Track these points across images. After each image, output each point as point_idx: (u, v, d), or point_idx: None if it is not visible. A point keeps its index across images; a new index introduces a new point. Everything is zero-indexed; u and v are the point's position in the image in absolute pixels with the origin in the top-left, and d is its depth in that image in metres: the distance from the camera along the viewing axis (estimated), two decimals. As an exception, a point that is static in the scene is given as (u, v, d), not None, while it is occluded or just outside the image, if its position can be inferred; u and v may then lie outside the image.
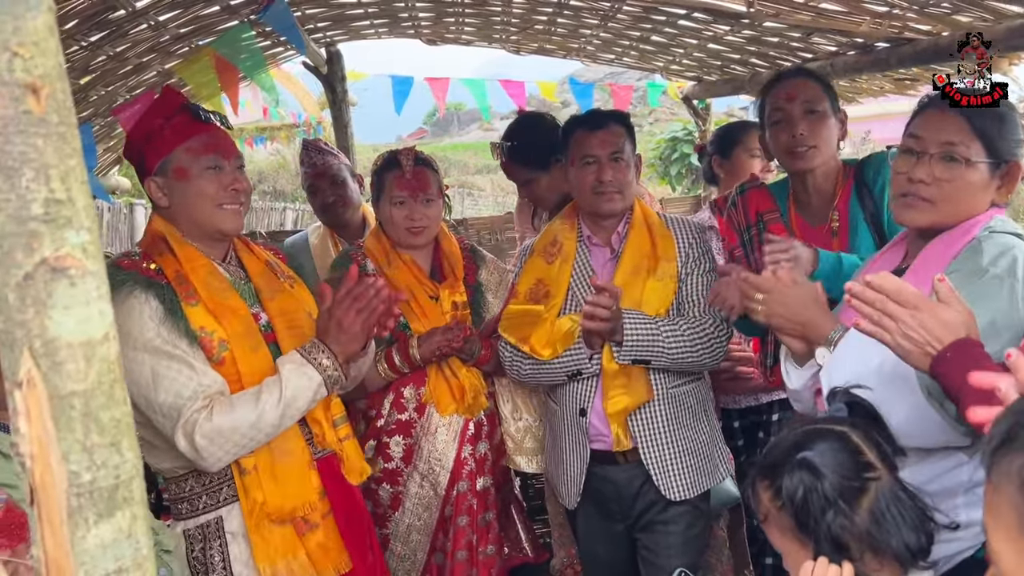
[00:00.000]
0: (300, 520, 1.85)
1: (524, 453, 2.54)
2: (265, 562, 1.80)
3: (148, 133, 1.85)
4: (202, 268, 1.83)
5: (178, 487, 1.86)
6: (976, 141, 1.58)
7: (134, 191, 11.70)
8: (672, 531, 2.29)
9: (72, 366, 0.59)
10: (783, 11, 2.38)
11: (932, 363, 1.30)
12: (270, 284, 1.95)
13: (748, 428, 3.06)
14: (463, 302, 2.49)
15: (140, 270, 1.79)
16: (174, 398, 1.70)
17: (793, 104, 2.22)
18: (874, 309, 1.34)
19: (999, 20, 2.06)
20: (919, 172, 1.61)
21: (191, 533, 1.84)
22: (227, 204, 1.85)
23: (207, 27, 2.83)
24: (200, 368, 1.73)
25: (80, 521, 0.59)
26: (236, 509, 1.83)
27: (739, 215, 2.42)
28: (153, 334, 1.71)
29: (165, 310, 1.74)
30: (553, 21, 3.27)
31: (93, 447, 0.60)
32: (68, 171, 0.59)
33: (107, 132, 3.33)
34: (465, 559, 2.44)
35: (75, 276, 0.59)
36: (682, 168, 14.08)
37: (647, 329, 2.18)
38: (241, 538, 1.82)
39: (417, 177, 2.42)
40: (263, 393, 1.75)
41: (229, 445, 1.72)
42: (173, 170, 1.82)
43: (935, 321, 1.29)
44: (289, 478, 1.83)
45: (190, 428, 1.69)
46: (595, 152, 2.29)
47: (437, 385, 2.41)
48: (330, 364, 1.83)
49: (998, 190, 1.62)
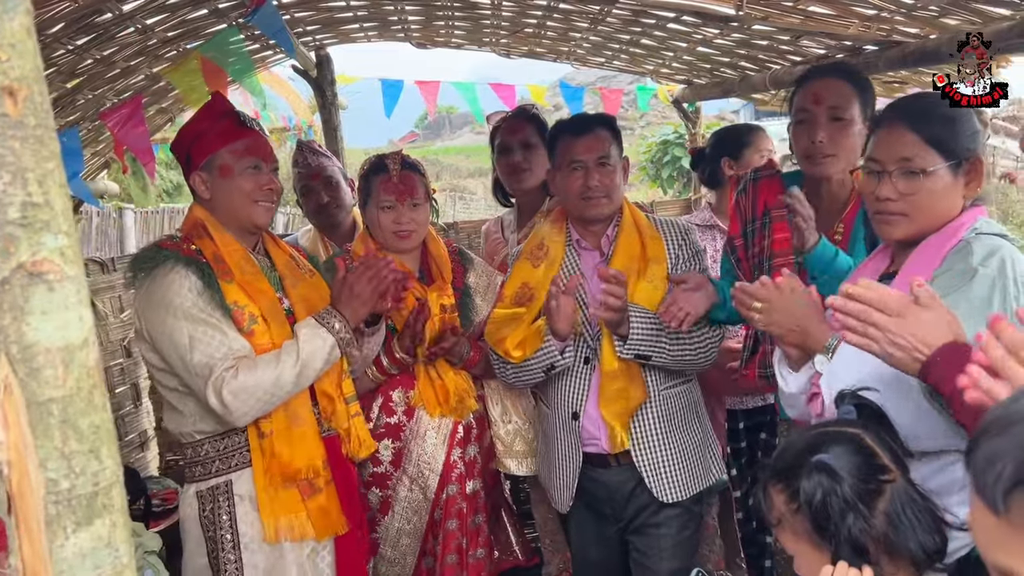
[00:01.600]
0: (306, 483, 2.05)
1: (514, 456, 2.54)
2: (271, 517, 2.02)
3: (196, 133, 2.10)
4: (236, 252, 2.07)
5: (194, 451, 2.07)
6: (929, 149, 1.61)
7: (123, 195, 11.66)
8: (664, 533, 2.29)
9: (50, 372, 0.58)
10: (772, 14, 2.38)
11: (922, 369, 1.31)
12: (293, 273, 2.20)
13: (752, 429, 3.07)
14: (451, 305, 2.48)
15: (181, 250, 2.02)
16: (207, 359, 1.91)
17: (819, 107, 2.16)
18: (858, 321, 1.34)
19: (986, 23, 2.06)
20: (884, 191, 1.65)
21: (203, 494, 2.05)
22: (262, 201, 2.10)
23: (195, 31, 2.82)
24: (231, 335, 1.96)
25: (58, 529, 0.59)
26: (245, 475, 2.04)
27: (747, 203, 2.36)
28: (191, 304, 1.94)
29: (203, 284, 1.97)
30: (543, 24, 3.26)
31: (71, 454, 0.59)
32: (46, 174, 0.58)
33: (94, 136, 3.31)
34: (455, 563, 2.43)
35: (53, 281, 0.58)
36: (673, 171, 14.11)
37: (651, 324, 2.18)
38: (247, 501, 2.04)
39: (404, 181, 2.42)
40: (283, 354, 1.97)
41: (253, 400, 1.92)
42: (218, 167, 2.07)
43: (920, 326, 1.30)
44: (300, 443, 2.04)
45: (219, 385, 1.90)
46: (581, 157, 2.29)
47: (425, 388, 2.41)
48: (342, 328, 2.05)
49: (966, 186, 1.64)
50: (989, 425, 0.77)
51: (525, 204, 3.07)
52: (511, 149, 2.99)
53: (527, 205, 3.06)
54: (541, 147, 2.97)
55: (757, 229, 2.32)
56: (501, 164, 3.06)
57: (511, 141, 2.99)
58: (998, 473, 0.72)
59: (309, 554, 2.08)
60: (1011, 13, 1.99)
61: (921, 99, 1.75)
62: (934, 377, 1.29)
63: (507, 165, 3.02)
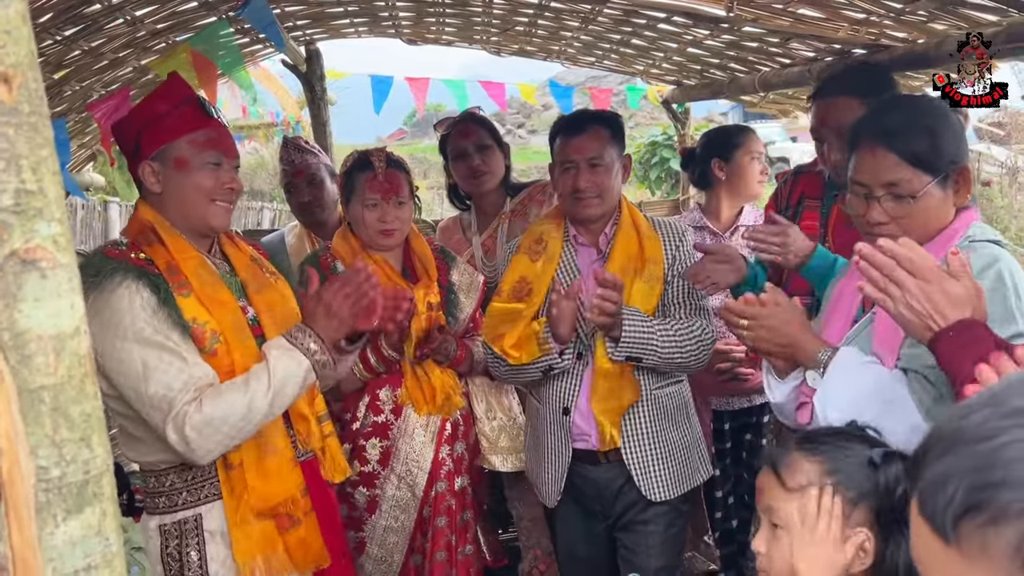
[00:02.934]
0: (284, 516, 1.85)
1: (498, 452, 2.55)
2: (245, 557, 1.79)
3: (150, 118, 1.84)
4: (192, 259, 1.82)
5: (158, 481, 1.83)
6: (914, 170, 1.56)
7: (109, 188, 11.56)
8: (652, 531, 2.29)
9: (42, 359, 0.58)
10: (762, 16, 2.39)
11: (933, 338, 1.27)
12: (256, 278, 1.95)
13: (737, 430, 3.08)
14: (437, 303, 2.48)
15: (129, 259, 1.76)
16: (165, 390, 1.66)
17: (826, 129, 2.22)
18: (880, 274, 1.30)
19: (973, 28, 2.08)
20: (874, 215, 1.60)
21: (167, 529, 1.82)
22: (220, 201, 1.86)
23: (185, 23, 2.80)
24: (191, 360, 1.71)
25: (48, 517, 0.58)
26: (216, 508, 1.81)
27: (785, 192, 2.44)
28: (144, 324, 1.68)
29: (158, 300, 1.72)
30: (534, 23, 3.27)
31: (62, 442, 0.59)
32: (39, 162, 0.58)
33: (81, 128, 3.29)
34: (444, 560, 2.43)
35: (46, 268, 0.58)
36: (661, 172, 14.13)
37: (643, 327, 2.18)
38: (219, 537, 1.81)
39: (389, 179, 2.41)
40: (251, 381, 1.72)
41: (220, 436, 1.69)
42: (174, 159, 1.82)
43: (942, 295, 1.26)
44: (274, 473, 1.83)
45: (180, 421, 1.66)
46: (573, 157, 2.28)
47: (412, 386, 2.40)
48: (317, 348, 1.80)
49: (956, 195, 1.60)
50: (936, 441, 0.71)
51: (486, 205, 3.08)
52: (467, 153, 2.98)
53: (488, 206, 3.07)
54: (496, 148, 3.01)
55: (790, 217, 2.35)
56: (459, 169, 3.04)
57: (466, 145, 2.98)
58: (949, 497, 0.67)
59: None
60: (998, 19, 2.02)
61: (898, 111, 1.68)
62: (943, 350, 1.25)
63: (466, 169, 3.01)
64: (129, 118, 1.91)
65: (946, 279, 1.28)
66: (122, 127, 1.90)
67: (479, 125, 3.02)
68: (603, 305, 2.06)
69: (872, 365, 1.53)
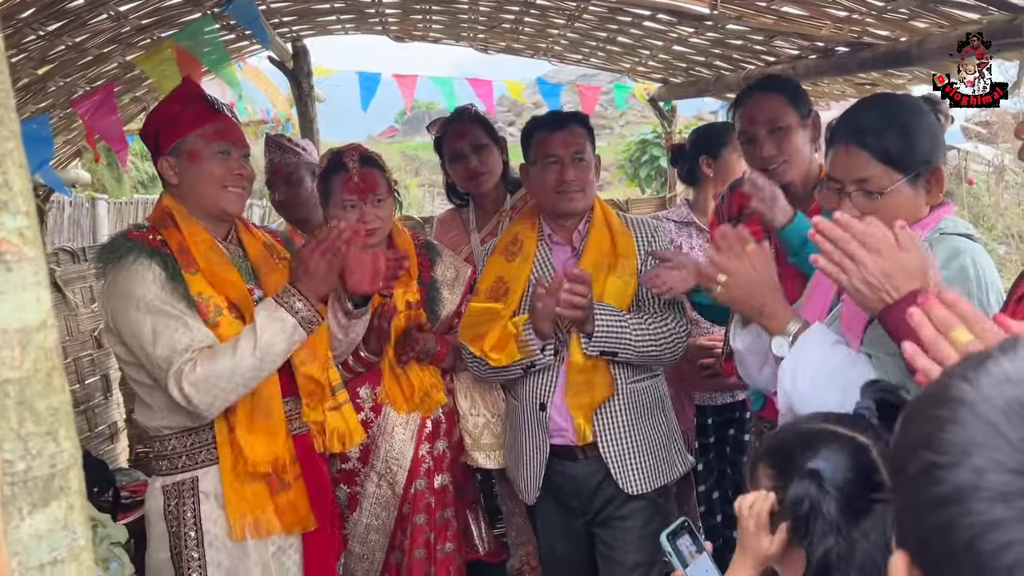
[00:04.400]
0: (274, 478, 2.02)
1: (482, 449, 2.54)
2: (236, 514, 1.98)
3: (166, 118, 2.05)
4: (203, 243, 2.01)
5: (162, 445, 2.03)
6: (884, 168, 1.59)
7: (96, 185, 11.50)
8: (630, 526, 2.31)
9: (7, 353, 0.58)
10: (746, 14, 2.41)
11: (883, 311, 1.30)
12: (267, 263, 2.14)
13: (720, 425, 3.10)
14: (416, 301, 2.47)
15: (146, 241, 1.98)
16: (169, 351, 1.87)
17: (756, 126, 2.28)
18: (835, 248, 1.34)
19: (954, 27, 2.10)
20: (845, 210, 1.62)
21: (168, 489, 2.02)
22: (232, 187, 2.05)
23: (169, 19, 2.79)
24: (194, 326, 1.92)
25: (13, 511, 0.58)
26: (212, 472, 2.01)
27: (725, 208, 2.50)
28: (153, 296, 1.90)
29: (167, 275, 1.93)
30: (520, 20, 3.27)
31: (28, 435, 0.59)
32: (5, 154, 0.58)
33: (66, 124, 3.27)
34: (423, 557, 2.43)
35: (11, 261, 0.58)
36: (651, 170, 14.15)
37: (616, 321, 2.20)
38: (213, 498, 2.00)
39: (365, 179, 2.37)
40: (240, 341, 1.91)
41: (216, 391, 1.87)
42: (187, 152, 2.02)
43: (896, 268, 1.30)
44: (266, 437, 2.00)
45: (180, 377, 1.86)
46: (557, 152, 2.31)
47: (391, 384, 2.40)
48: (303, 306, 1.96)
49: (928, 194, 1.63)
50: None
51: (485, 202, 3.04)
52: (463, 155, 2.93)
53: (488, 203, 3.03)
54: (492, 145, 2.95)
55: None
56: (456, 170, 2.99)
57: (461, 146, 2.93)
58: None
59: (275, 552, 2.05)
60: (979, 17, 2.03)
61: (874, 110, 1.70)
62: (891, 320, 1.29)
63: (464, 171, 2.95)
64: (148, 121, 2.13)
65: (898, 251, 1.32)
66: (144, 129, 2.12)
67: (474, 124, 2.97)
68: (571, 299, 2.10)
69: (840, 345, 1.56)
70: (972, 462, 0.53)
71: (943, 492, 0.54)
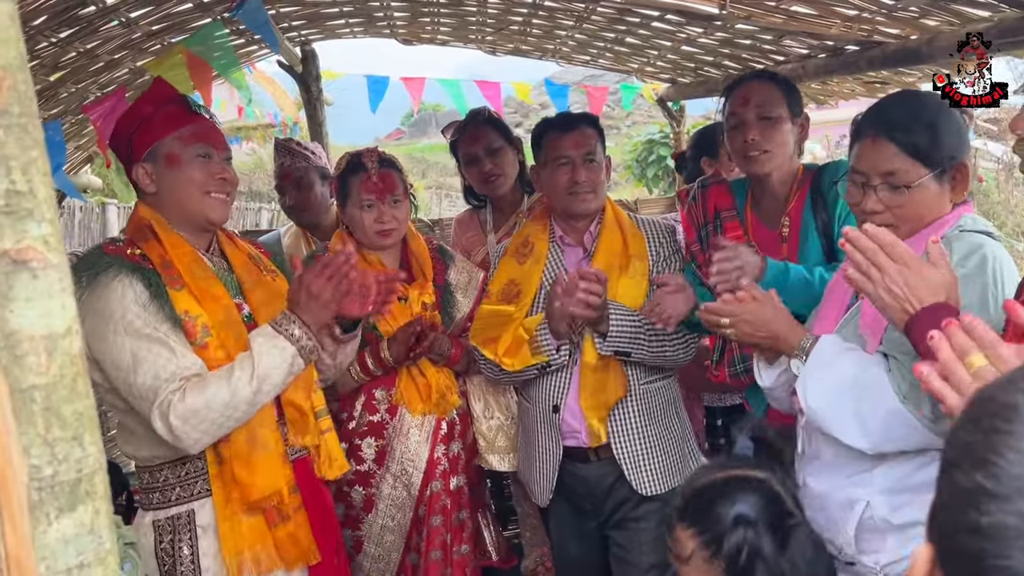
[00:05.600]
0: (272, 510, 1.86)
1: (496, 451, 2.54)
2: (232, 552, 1.81)
3: (138, 120, 1.89)
4: (186, 255, 1.85)
5: (152, 477, 1.86)
6: (912, 161, 1.60)
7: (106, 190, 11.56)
8: (644, 528, 2.30)
9: (33, 359, 0.59)
10: (755, 13, 2.40)
11: (907, 322, 1.32)
12: (252, 276, 1.98)
13: (730, 426, 3.09)
14: (432, 303, 2.48)
15: (125, 256, 1.81)
16: (152, 380, 1.70)
17: (747, 109, 2.26)
18: (864, 258, 1.35)
19: (965, 24, 2.09)
20: (869, 204, 1.64)
21: (160, 524, 1.84)
22: (215, 192, 1.89)
23: (179, 24, 2.80)
24: (180, 351, 1.74)
25: (41, 516, 0.59)
26: (208, 504, 1.84)
27: (698, 210, 2.46)
28: (134, 316, 1.73)
29: (150, 294, 1.76)
30: (528, 22, 3.27)
31: (55, 441, 0.60)
32: (29, 162, 0.59)
33: (78, 130, 3.29)
34: (439, 559, 2.43)
35: (37, 268, 0.59)
36: (659, 170, 14.13)
37: (630, 321, 2.20)
38: (211, 532, 1.83)
39: (383, 179, 2.40)
40: (236, 370, 1.74)
41: (205, 424, 1.71)
42: (164, 156, 1.86)
43: (919, 280, 1.31)
44: (262, 467, 1.83)
45: (165, 409, 1.69)
46: (568, 153, 2.31)
47: (406, 386, 2.41)
48: (303, 334, 1.81)
49: (953, 191, 1.63)
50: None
51: (502, 204, 3.04)
52: (478, 159, 2.94)
53: (505, 205, 3.04)
54: (507, 147, 2.94)
55: (711, 232, 2.39)
56: (472, 174, 3.00)
57: (476, 151, 2.94)
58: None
59: None
60: (989, 15, 2.02)
61: (902, 105, 1.71)
62: (914, 333, 1.30)
63: (479, 175, 2.96)
64: (120, 125, 1.95)
65: (925, 266, 1.33)
66: (115, 135, 1.95)
67: (488, 127, 2.97)
68: (587, 298, 2.09)
69: (851, 351, 1.57)
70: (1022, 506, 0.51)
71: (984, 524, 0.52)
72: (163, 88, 1.98)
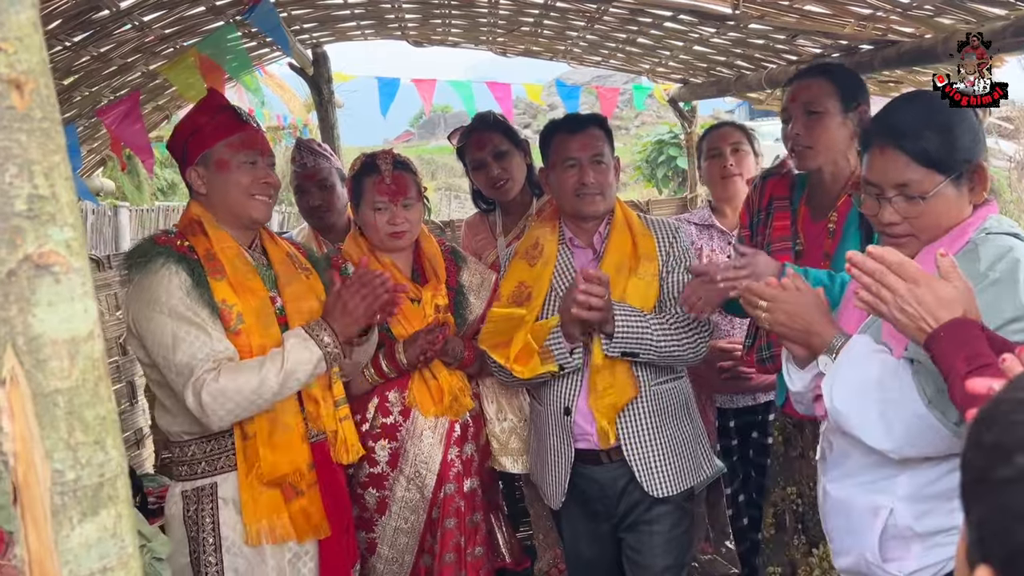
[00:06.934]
0: (289, 486, 2.03)
1: (509, 453, 2.54)
2: (252, 519, 1.99)
3: (193, 128, 2.08)
4: (230, 250, 2.04)
5: (181, 451, 2.06)
6: (926, 171, 1.53)
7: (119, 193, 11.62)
8: (657, 531, 2.29)
9: (56, 363, 0.59)
10: (768, 13, 2.39)
11: (927, 340, 1.29)
12: (288, 272, 2.16)
13: (743, 428, 3.08)
14: (445, 305, 2.48)
15: (174, 246, 2.00)
16: (189, 358, 1.89)
17: (795, 104, 2.24)
18: (873, 280, 1.33)
19: (981, 23, 2.08)
20: (886, 216, 1.59)
21: (188, 494, 2.04)
22: (259, 195, 2.08)
23: (192, 28, 2.82)
24: (216, 336, 1.93)
25: (64, 520, 0.59)
26: (231, 478, 2.02)
27: (756, 198, 2.46)
28: (178, 301, 1.92)
29: (192, 282, 1.95)
30: (540, 23, 3.27)
31: (77, 445, 0.59)
32: (52, 167, 0.59)
33: (91, 133, 3.31)
34: (453, 561, 2.43)
35: (59, 273, 0.59)
36: (668, 171, 14.12)
37: (636, 321, 2.19)
38: (231, 504, 2.02)
39: (397, 181, 2.41)
40: (267, 362, 1.93)
41: (231, 405, 1.89)
42: (214, 162, 2.05)
43: (932, 296, 1.28)
44: (283, 447, 2.01)
45: (199, 386, 1.87)
46: (576, 155, 2.30)
47: (419, 388, 2.41)
48: (331, 342, 2.01)
49: (972, 192, 1.57)
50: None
51: (511, 207, 3.03)
52: (485, 164, 2.92)
53: (514, 208, 3.02)
54: (514, 150, 2.93)
55: (762, 220, 2.38)
56: (479, 179, 2.99)
57: (483, 156, 2.92)
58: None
59: (291, 559, 2.06)
60: (1006, 13, 2.01)
61: (909, 109, 1.63)
62: (936, 350, 1.28)
63: (486, 180, 2.95)
64: (176, 132, 2.15)
65: (935, 281, 1.30)
66: (172, 140, 2.14)
67: (494, 131, 2.95)
68: (589, 300, 2.09)
69: (879, 354, 1.53)
70: None
71: None
72: (215, 98, 2.17)
